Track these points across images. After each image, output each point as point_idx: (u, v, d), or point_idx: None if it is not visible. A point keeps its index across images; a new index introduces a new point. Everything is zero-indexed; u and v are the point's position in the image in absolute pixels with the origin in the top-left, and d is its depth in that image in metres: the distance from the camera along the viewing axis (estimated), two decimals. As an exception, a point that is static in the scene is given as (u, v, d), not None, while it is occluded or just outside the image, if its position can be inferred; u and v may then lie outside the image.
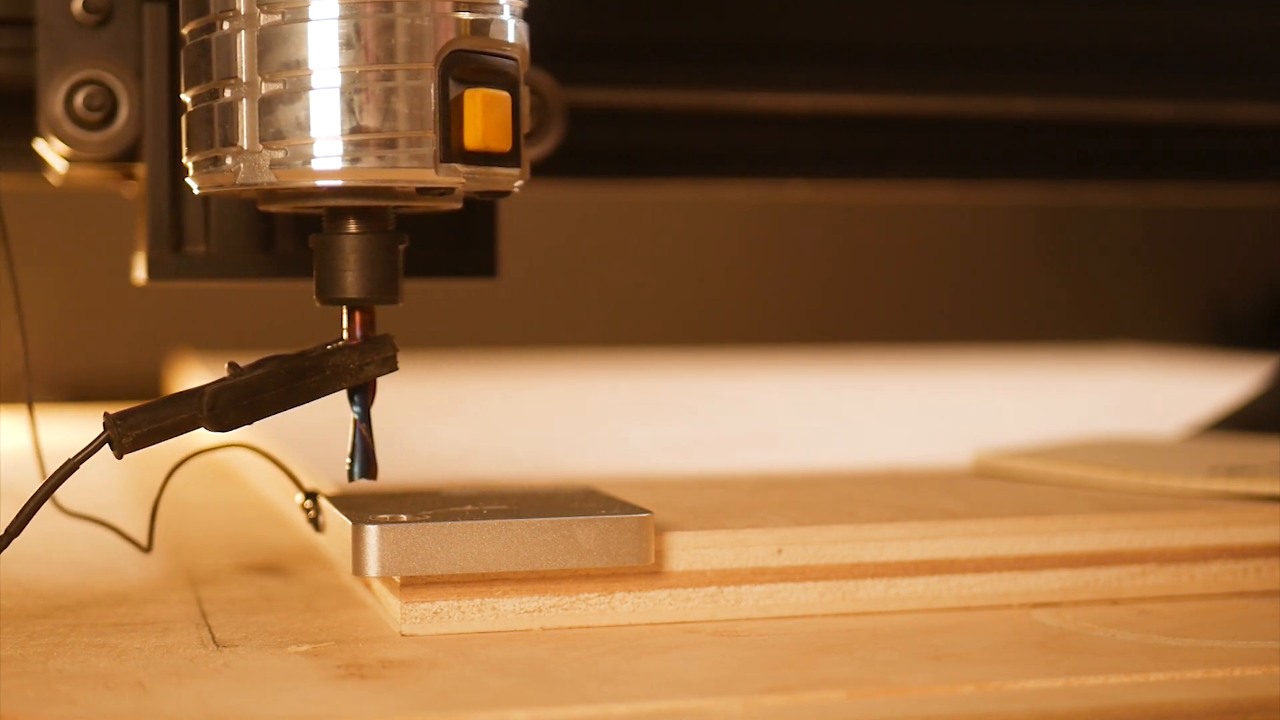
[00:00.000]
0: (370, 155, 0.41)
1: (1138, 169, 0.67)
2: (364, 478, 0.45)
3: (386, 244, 0.44)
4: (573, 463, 0.67)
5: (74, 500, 0.51)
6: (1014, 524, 0.46)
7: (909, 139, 0.63)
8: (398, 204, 0.44)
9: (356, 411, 0.45)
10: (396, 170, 0.41)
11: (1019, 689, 0.37)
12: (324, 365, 0.44)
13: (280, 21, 0.41)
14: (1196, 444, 0.62)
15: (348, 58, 0.41)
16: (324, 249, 0.44)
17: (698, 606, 0.44)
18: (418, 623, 0.42)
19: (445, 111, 0.41)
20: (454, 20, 0.42)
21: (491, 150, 0.42)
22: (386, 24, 0.41)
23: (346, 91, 0.41)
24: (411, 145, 0.41)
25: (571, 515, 0.43)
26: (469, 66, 0.42)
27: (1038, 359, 1.39)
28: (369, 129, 0.41)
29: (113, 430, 0.42)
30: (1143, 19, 0.64)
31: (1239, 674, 0.39)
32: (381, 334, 0.45)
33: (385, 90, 0.41)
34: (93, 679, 0.38)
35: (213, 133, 0.43)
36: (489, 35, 0.42)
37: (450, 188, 0.42)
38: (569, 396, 1.08)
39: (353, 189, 0.42)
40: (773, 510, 0.48)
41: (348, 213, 0.44)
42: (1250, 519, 0.48)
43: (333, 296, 0.44)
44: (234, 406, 0.43)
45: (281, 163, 0.42)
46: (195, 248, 0.51)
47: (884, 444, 0.75)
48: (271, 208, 0.45)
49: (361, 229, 0.44)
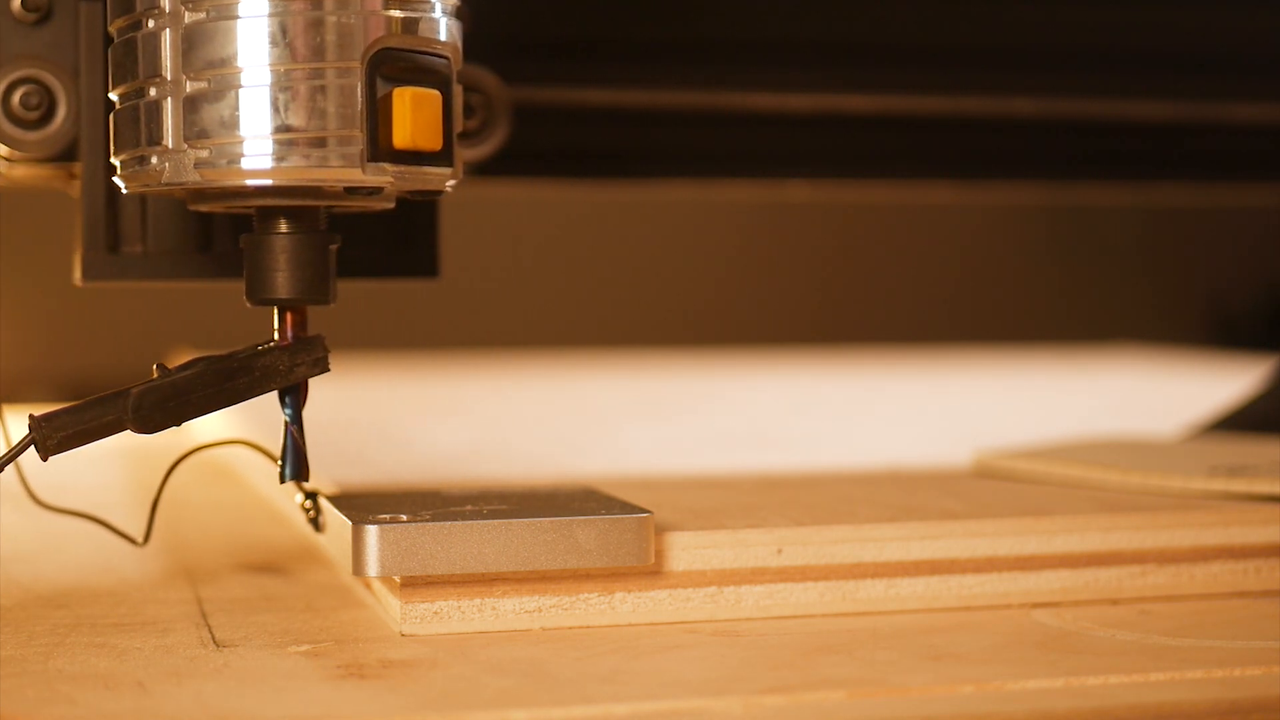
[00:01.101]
0: (297, 154, 0.41)
1: (1138, 169, 0.67)
2: (295, 479, 0.45)
3: (317, 244, 0.44)
4: (573, 463, 0.67)
5: (70, 498, 0.51)
6: (1014, 524, 0.46)
7: (909, 139, 0.63)
8: (328, 204, 0.44)
9: (287, 413, 0.44)
10: (323, 170, 0.41)
11: (1019, 689, 0.37)
12: (253, 366, 0.44)
13: (205, 19, 0.41)
14: (1196, 444, 0.62)
15: (274, 55, 0.41)
16: (254, 249, 0.44)
17: (698, 606, 0.44)
18: (418, 623, 0.42)
19: (373, 110, 0.41)
20: (383, 18, 0.41)
21: (421, 149, 0.42)
22: (314, 21, 0.41)
23: (273, 90, 0.41)
24: (339, 144, 0.41)
25: (571, 515, 0.43)
26: (398, 65, 0.41)
27: (1038, 359, 1.39)
28: (295, 128, 0.41)
29: (38, 432, 0.42)
30: (1143, 19, 0.64)
31: (1239, 674, 0.39)
32: (313, 335, 0.44)
33: (312, 89, 0.41)
34: (93, 679, 0.38)
35: (139, 132, 0.42)
36: (419, 34, 0.42)
37: (379, 187, 0.42)
38: (569, 396, 1.08)
39: (280, 188, 0.42)
40: (773, 510, 0.48)
41: (278, 212, 0.43)
42: (1250, 519, 0.48)
43: (263, 297, 0.44)
44: (160, 408, 0.43)
45: (206, 162, 0.41)
46: (132, 248, 0.51)
47: (884, 444, 0.75)
48: (202, 207, 0.44)
49: (292, 229, 0.43)
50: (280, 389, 0.44)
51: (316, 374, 0.44)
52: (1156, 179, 0.67)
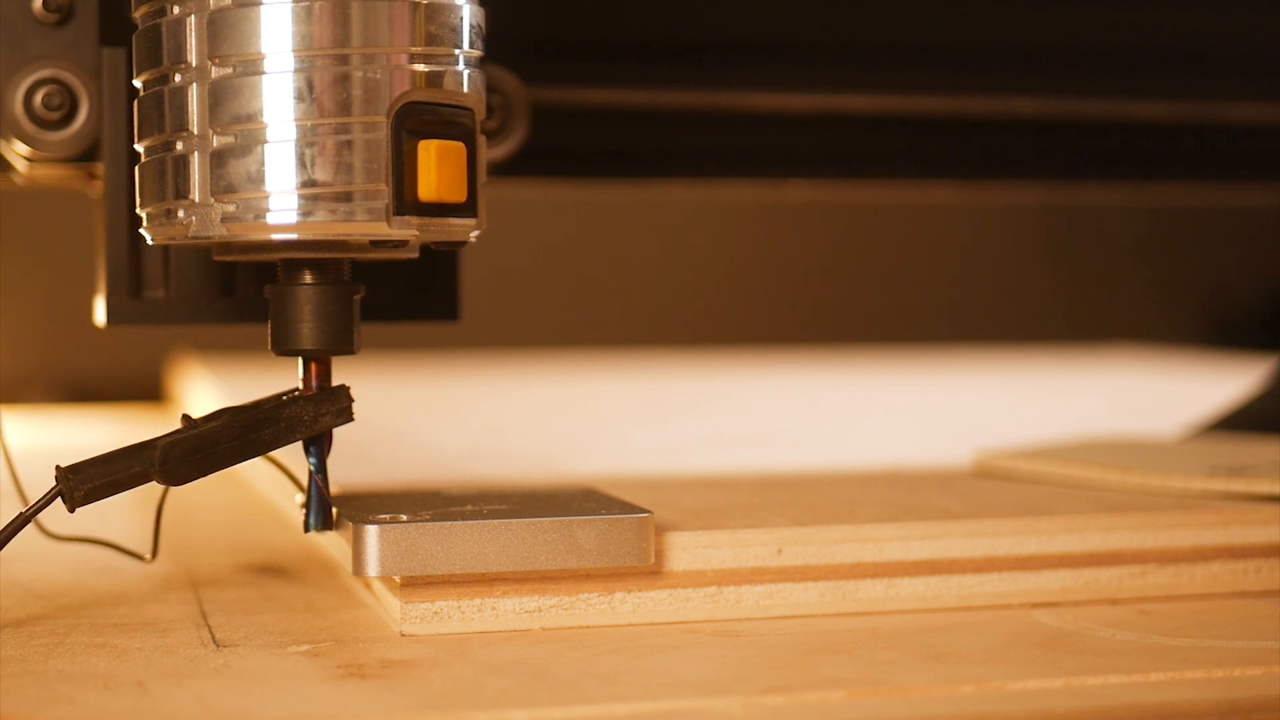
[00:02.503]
0: (323, 209, 0.41)
1: (1138, 169, 0.67)
2: (320, 529, 0.45)
3: (342, 295, 0.44)
4: (573, 463, 0.67)
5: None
6: (1014, 524, 0.46)
7: (909, 139, 0.63)
8: (353, 255, 0.44)
9: (312, 463, 0.45)
10: (349, 224, 0.41)
11: (1019, 689, 0.37)
12: (278, 417, 0.44)
13: (232, 74, 0.41)
14: (1196, 444, 0.62)
15: (300, 111, 0.41)
16: (279, 300, 0.44)
17: (698, 606, 0.44)
18: (418, 623, 0.42)
19: (399, 164, 0.41)
20: (408, 72, 0.41)
21: (446, 202, 0.42)
22: (340, 77, 0.41)
23: (299, 145, 0.41)
24: (365, 198, 0.41)
25: (571, 515, 0.43)
26: (423, 118, 0.41)
27: (1038, 359, 1.39)
28: (321, 182, 0.41)
29: (65, 484, 0.42)
30: (1143, 19, 0.64)
31: (1239, 674, 0.39)
32: (337, 385, 0.44)
33: (338, 143, 0.41)
34: (93, 679, 0.38)
35: (165, 185, 0.42)
36: (443, 86, 0.42)
37: (404, 240, 0.42)
38: (569, 396, 1.08)
39: (306, 242, 0.42)
40: (773, 510, 0.48)
41: (303, 264, 0.43)
42: (1250, 519, 0.48)
43: (288, 348, 0.44)
44: (186, 460, 0.43)
45: (233, 216, 0.41)
46: (155, 292, 0.51)
47: (884, 444, 0.75)
48: (227, 258, 0.44)
49: (317, 280, 0.43)
50: (305, 439, 0.44)
51: (341, 424, 0.44)
52: (1156, 179, 0.67)
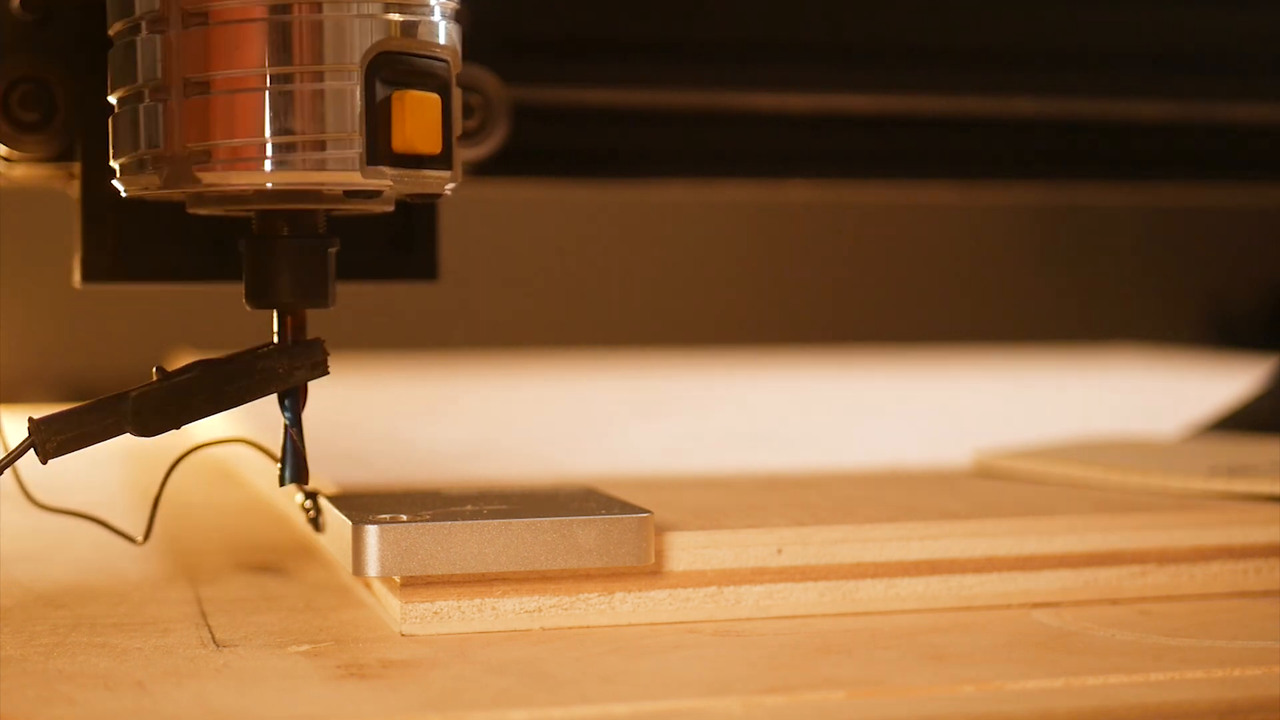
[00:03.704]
0: (296, 158, 0.41)
1: (1138, 169, 0.67)
2: (295, 482, 0.45)
3: (317, 247, 0.44)
4: (573, 463, 0.67)
5: (69, 499, 0.51)
6: (1014, 524, 0.46)
7: (909, 139, 0.63)
8: (327, 207, 0.44)
9: (287, 416, 0.45)
10: (322, 173, 0.41)
11: (1019, 689, 0.37)
12: (252, 370, 0.44)
13: (204, 23, 0.41)
14: (1196, 444, 0.62)
15: (273, 59, 0.40)
16: (253, 252, 0.44)
17: (698, 606, 0.44)
18: (418, 623, 0.42)
19: (372, 113, 0.41)
20: (383, 21, 0.41)
21: (420, 153, 0.41)
22: (313, 25, 0.41)
23: (272, 93, 0.41)
24: (338, 147, 0.41)
25: (571, 515, 0.43)
26: (397, 68, 0.41)
27: (1038, 359, 1.39)
28: (294, 131, 0.41)
29: (37, 435, 0.42)
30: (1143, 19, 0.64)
31: (1239, 674, 0.39)
32: (312, 338, 0.44)
33: (311, 92, 0.41)
34: (93, 679, 0.38)
35: (138, 135, 0.42)
36: (418, 36, 0.42)
37: (378, 191, 0.42)
38: (569, 396, 1.08)
39: (280, 192, 0.42)
40: (773, 510, 0.47)
41: (278, 216, 0.43)
42: (1250, 519, 0.48)
43: (263, 300, 0.44)
44: (159, 412, 0.42)
45: (206, 166, 0.41)
46: (132, 250, 0.51)
47: (884, 444, 0.75)
48: (201, 210, 0.44)
49: (291, 232, 0.43)
50: (279, 392, 0.44)
51: (315, 377, 0.44)
52: (1156, 179, 0.67)
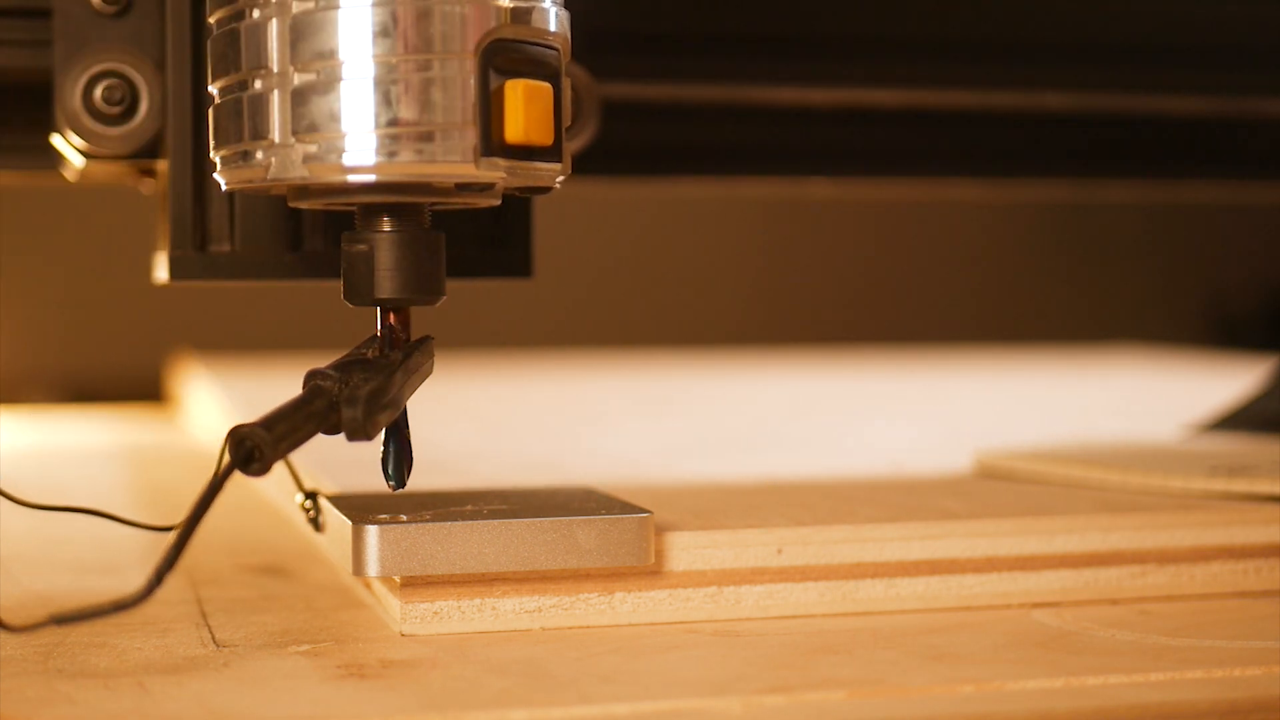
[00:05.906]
0: (408, 149, 0.39)
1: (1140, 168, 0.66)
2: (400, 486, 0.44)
3: (431, 240, 0.42)
4: (573, 463, 0.67)
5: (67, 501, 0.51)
6: (1014, 524, 0.46)
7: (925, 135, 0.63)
8: (434, 200, 0.42)
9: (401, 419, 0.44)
10: (435, 165, 0.40)
11: (1019, 689, 0.37)
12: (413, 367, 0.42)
13: (314, 9, 0.40)
14: (1196, 444, 0.62)
15: (384, 46, 0.39)
16: (361, 247, 0.42)
17: (698, 606, 0.44)
18: (418, 623, 0.42)
19: (486, 103, 0.40)
20: (494, 8, 0.40)
21: (533, 144, 0.40)
22: (424, 11, 0.39)
23: (383, 82, 0.39)
24: (451, 138, 0.39)
25: (571, 515, 0.43)
26: (510, 56, 0.40)
27: (1038, 359, 1.39)
28: (406, 121, 0.39)
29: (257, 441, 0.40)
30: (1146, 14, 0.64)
31: (1239, 674, 0.39)
32: (420, 337, 0.43)
33: (423, 81, 0.39)
34: (93, 679, 0.38)
35: (242, 126, 0.41)
36: (530, 24, 0.41)
37: (491, 183, 0.41)
38: (569, 396, 1.08)
39: (389, 184, 0.40)
40: (773, 510, 0.47)
41: (382, 210, 0.42)
42: (1250, 519, 0.48)
43: (373, 297, 0.42)
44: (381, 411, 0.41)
45: (315, 156, 0.40)
46: (220, 246, 0.49)
47: (884, 444, 0.75)
48: (302, 204, 0.43)
49: (396, 226, 0.42)
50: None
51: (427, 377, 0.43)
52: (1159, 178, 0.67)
